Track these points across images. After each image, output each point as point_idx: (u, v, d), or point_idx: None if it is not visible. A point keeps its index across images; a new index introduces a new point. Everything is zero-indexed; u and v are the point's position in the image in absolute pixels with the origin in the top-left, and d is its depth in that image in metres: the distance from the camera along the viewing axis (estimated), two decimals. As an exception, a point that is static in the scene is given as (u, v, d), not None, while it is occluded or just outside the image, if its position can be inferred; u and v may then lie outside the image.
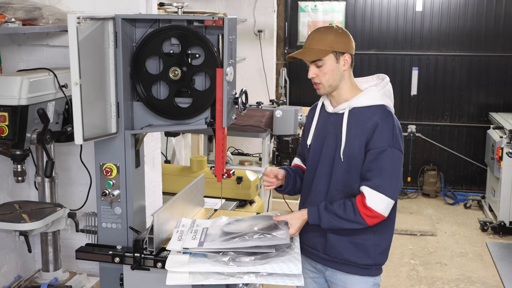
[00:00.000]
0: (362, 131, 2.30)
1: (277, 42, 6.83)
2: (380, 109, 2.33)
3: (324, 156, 2.40)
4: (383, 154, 2.26)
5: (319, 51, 2.31)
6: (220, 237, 2.25)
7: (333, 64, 2.32)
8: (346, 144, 2.32)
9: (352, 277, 2.42)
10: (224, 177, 2.36)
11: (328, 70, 2.32)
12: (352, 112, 2.35)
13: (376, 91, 2.37)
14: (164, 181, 3.46)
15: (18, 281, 3.06)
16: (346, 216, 2.28)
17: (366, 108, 2.34)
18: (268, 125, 5.02)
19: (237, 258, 2.11)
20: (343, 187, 2.36)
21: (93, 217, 2.57)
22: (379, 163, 2.26)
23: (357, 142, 2.31)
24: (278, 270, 2.08)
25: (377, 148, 2.26)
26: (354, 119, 2.33)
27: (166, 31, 2.26)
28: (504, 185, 5.55)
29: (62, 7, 2.89)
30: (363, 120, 2.31)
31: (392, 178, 2.28)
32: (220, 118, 2.24)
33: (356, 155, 2.31)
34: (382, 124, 2.28)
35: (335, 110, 2.40)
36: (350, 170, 2.33)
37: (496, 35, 6.60)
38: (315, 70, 2.34)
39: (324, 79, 2.33)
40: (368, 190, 2.26)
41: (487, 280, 4.64)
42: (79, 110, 2.09)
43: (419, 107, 6.93)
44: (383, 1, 6.80)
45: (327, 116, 2.45)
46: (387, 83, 2.41)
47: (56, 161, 2.94)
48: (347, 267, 2.42)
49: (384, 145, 2.26)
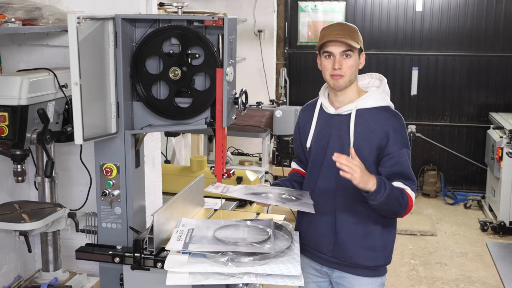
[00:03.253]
0: (371, 132, 2.30)
1: (277, 42, 6.83)
2: (387, 112, 2.35)
3: (329, 159, 2.33)
4: (402, 157, 2.30)
5: (352, 44, 2.30)
6: (209, 241, 2.24)
7: (357, 59, 2.34)
8: (355, 146, 2.29)
9: (361, 279, 2.41)
10: (224, 177, 2.35)
11: (353, 63, 2.32)
12: (357, 113, 2.34)
13: (379, 92, 2.38)
14: (164, 181, 3.46)
15: (18, 281, 3.06)
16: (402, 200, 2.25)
17: (371, 109, 2.34)
18: (268, 125, 5.02)
19: (236, 258, 2.10)
20: (355, 188, 2.26)
21: (93, 217, 2.57)
22: (401, 166, 2.30)
23: (366, 143, 2.30)
24: (277, 271, 2.08)
25: (395, 152, 2.29)
26: (360, 120, 2.33)
27: (166, 31, 2.26)
28: (504, 185, 5.55)
29: (62, 7, 2.89)
30: (371, 121, 2.31)
31: (413, 175, 2.33)
32: (220, 118, 2.24)
33: (365, 156, 2.28)
34: (395, 128, 2.31)
35: (338, 111, 2.38)
36: None
37: (496, 35, 6.59)
38: (342, 60, 2.31)
39: (349, 71, 2.31)
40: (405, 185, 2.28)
41: (487, 280, 4.64)
42: (79, 110, 2.09)
43: (419, 107, 6.93)
44: (383, 1, 6.80)
45: (329, 118, 2.41)
46: (385, 84, 2.43)
47: (56, 161, 2.94)
48: (357, 270, 2.40)
49: (401, 147, 2.31)
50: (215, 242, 2.23)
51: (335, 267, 2.44)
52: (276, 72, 6.89)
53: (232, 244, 2.20)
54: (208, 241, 2.24)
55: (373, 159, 2.31)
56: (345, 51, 2.30)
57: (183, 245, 2.19)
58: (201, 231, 2.33)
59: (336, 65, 2.30)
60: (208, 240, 2.24)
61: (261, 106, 4.94)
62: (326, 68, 2.33)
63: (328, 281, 2.53)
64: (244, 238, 2.26)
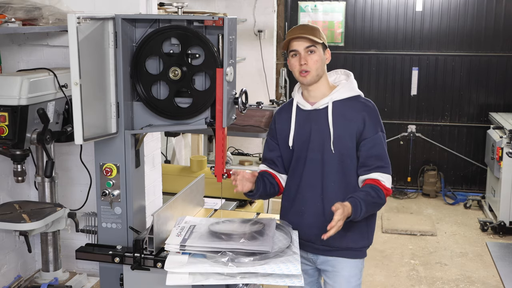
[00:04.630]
0: (349, 121, 2.45)
1: (277, 42, 6.83)
2: (360, 100, 2.51)
3: (312, 153, 2.49)
4: (378, 140, 2.46)
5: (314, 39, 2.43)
6: (205, 236, 2.25)
7: (322, 54, 2.48)
8: (335, 136, 2.45)
9: (343, 261, 2.53)
10: (224, 177, 2.36)
11: (318, 58, 2.45)
12: (333, 106, 2.47)
13: (349, 84, 2.54)
14: (164, 181, 3.46)
15: (18, 281, 3.06)
16: (380, 200, 2.40)
17: (345, 100, 2.49)
18: (268, 125, 5.01)
19: (236, 258, 2.11)
20: (340, 176, 2.47)
21: (93, 217, 2.57)
22: (377, 149, 2.45)
23: (347, 132, 2.45)
24: (277, 270, 2.09)
25: (371, 136, 2.45)
26: (337, 112, 2.46)
27: (166, 31, 2.26)
28: (504, 185, 5.55)
29: (62, 7, 2.89)
30: (347, 111, 2.46)
31: (388, 157, 2.49)
32: (220, 118, 2.24)
33: (348, 144, 2.45)
34: (369, 113, 2.47)
35: (315, 106, 2.50)
36: (344, 160, 2.46)
37: (496, 35, 6.60)
38: (307, 56, 2.44)
39: (314, 66, 2.44)
40: (381, 174, 2.43)
41: (487, 280, 4.64)
42: (79, 110, 2.09)
43: (419, 107, 6.93)
44: (383, 1, 6.80)
45: (306, 114, 2.52)
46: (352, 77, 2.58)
47: (56, 161, 2.94)
48: (341, 252, 2.51)
49: (376, 131, 2.46)
50: (209, 236, 2.25)
51: (320, 253, 2.55)
52: (276, 72, 6.88)
53: (226, 236, 2.22)
54: (203, 236, 2.25)
55: (355, 146, 2.46)
56: (308, 47, 2.44)
57: (182, 240, 2.20)
58: (201, 228, 2.33)
59: (302, 60, 2.44)
60: (203, 235, 2.26)
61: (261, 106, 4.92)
62: (294, 66, 2.48)
63: (314, 268, 2.64)
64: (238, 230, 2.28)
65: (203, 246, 2.17)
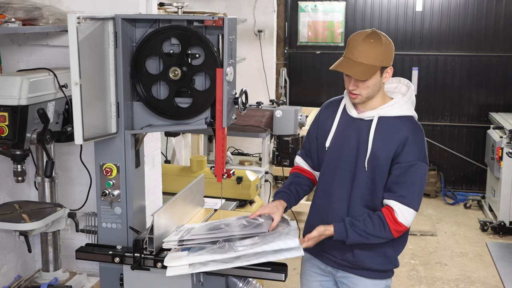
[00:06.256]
0: (391, 142, 2.26)
1: (277, 42, 6.83)
2: (409, 122, 2.30)
3: (345, 161, 2.34)
4: (413, 168, 2.24)
5: (369, 68, 2.21)
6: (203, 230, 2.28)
7: (378, 78, 2.26)
8: (372, 153, 2.27)
9: (366, 280, 2.40)
10: (224, 177, 2.35)
11: (371, 84, 2.25)
12: (379, 121, 2.29)
13: (404, 101, 2.33)
14: (164, 181, 3.46)
15: (18, 281, 3.06)
16: (375, 232, 2.24)
17: (394, 118, 2.30)
18: (268, 125, 5.01)
19: (234, 245, 2.12)
20: (367, 195, 2.30)
21: (93, 217, 2.57)
22: (409, 177, 2.24)
23: (384, 153, 2.26)
24: (275, 247, 2.09)
25: (407, 162, 2.24)
26: (381, 128, 2.28)
27: (166, 31, 2.26)
28: (504, 185, 5.55)
29: (62, 7, 2.89)
30: (392, 131, 2.27)
31: (419, 192, 2.27)
32: (220, 118, 2.24)
33: (382, 166, 2.27)
34: (413, 138, 2.25)
35: (361, 116, 2.33)
36: (375, 179, 2.29)
37: (496, 35, 6.59)
38: (357, 83, 2.25)
39: (365, 92, 2.26)
40: (398, 205, 2.23)
41: (487, 280, 4.64)
42: (79, 110, 2.09)
43: (419, 107, 6.92)
44: (383, 1, 6.80)
45: (350, 121, 2.36)
46: (412, 92, 2.38)
47: (56, 161, 2.94)
48: (363, 272, 2.39)
49: (414, 159, 2.24)
50: (208, 230, 2.26)
51: (341, 268, 2.43)
52: (276, 72, 6.88)
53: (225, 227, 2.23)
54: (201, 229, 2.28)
55: (388, 168, 2.27)
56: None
57: (180, 237, 2.22)
58: (200, 228, 2.34)
59: (351, 86, 2.27)
60: (201, 231, 2.28)
61: (261, 106, 4.94)
62: (345, 82, 2.30)
63: (332, 280, 2.51)
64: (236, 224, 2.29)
65: (201, 238, 2.19)
